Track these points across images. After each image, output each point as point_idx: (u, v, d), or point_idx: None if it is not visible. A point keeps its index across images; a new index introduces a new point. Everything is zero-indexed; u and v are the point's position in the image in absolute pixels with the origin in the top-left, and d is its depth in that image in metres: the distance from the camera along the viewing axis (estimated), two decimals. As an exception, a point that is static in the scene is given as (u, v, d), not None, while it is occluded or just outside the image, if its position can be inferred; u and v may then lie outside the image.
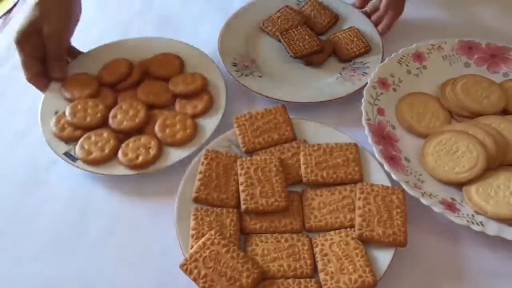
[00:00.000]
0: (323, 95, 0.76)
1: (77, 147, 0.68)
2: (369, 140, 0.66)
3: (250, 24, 0.88)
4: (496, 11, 0.94)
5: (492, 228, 0.59)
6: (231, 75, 0.78)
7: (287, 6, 0.90)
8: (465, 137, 0.66)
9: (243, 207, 0.60)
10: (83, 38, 0.93)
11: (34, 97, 0.82)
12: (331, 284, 0.54)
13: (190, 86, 0.74)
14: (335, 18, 0.89)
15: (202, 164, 0.64)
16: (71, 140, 0.69)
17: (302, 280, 0.55)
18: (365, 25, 0.87)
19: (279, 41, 0.84)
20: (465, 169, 0.64)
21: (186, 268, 0.54)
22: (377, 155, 0.64)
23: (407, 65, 0.78)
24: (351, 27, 0.86)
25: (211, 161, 0.64)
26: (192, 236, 0.58)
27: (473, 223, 0.59)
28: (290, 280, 0.55)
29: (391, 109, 0.74)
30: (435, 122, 0.72)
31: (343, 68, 0.82)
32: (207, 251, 0.54)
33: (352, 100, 0.76)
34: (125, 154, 0.67)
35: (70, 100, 0.73)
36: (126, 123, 0.70)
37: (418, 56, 0.79)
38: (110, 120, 0.71)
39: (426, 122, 0.72)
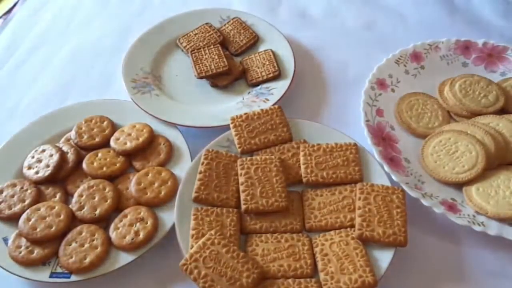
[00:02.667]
0: (215, 121, 0.71)
1: (62, 259, 0.59)
2: (369, 141, 0.66)
3: (169, 39, 0.85)
4: (497, 13, 0.94)
5: (493, 228, 0.59)
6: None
7: (207, 24, 0.86)
8: (464, 137, 0.66)
9: (243, 207, 0.60)
10: (83, 38, 0.93)
11: (34, 97, 0.83)
12: (331, 284, 0.54)
13: (140, 138, 0.69)
14: (254, 39, 0.84)
15: (202, 164, 0.63)
16: (46, 258, 0.60)
17: (302, 280, 0.54)
18: (284, 49, 0.82)
19: None
20: (464, 169, 0.64)
21: (186, 268, 0.53)
22: (377, 156, 0.64)
23: (405, 65, 0.78)
24: (266, 50, 0.82)
25: (211, 161, 0.63)
26: (192, 236, 0.57)
27: (474, 223, 0.59)
28: (290, 280, 0.54)
29: (390, 110, 0.74)
30: (434, 122, 0.72)
31: (249, 92, 0.78)
32: (207, 251, 0.54)
33: (351, 100, 0.76)
34: (122, 237, 0.60)
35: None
36: (99, 210, 0.63)
37: (416, 56, 0.79)
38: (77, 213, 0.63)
39: (425, 122, 0.72)
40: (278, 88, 0.76)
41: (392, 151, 0.68)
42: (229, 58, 0.81)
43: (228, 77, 0.79)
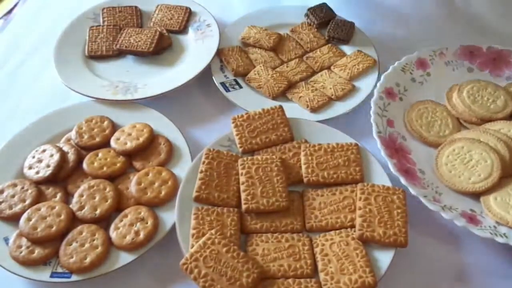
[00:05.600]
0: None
1: (63, 259, 0.59)
2: (382, 153, 0.65)
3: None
4: (497, 13, 0.94)
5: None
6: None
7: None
8: (478, 145, 0.66)
9: (244, 207, 0.60)
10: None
11: (34, 97, 0.83)
12: (331, 284, 0.54)
13: (140, 138, 0.70)
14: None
15: (203, 163, 0.64)
16: (46, 258, 0.60)
17: (302, 280, 0.55)
18: None
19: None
20: (480, 178, 0.63)
21: (186, 267, 0.54)
22: (392, 169, 0.63)
23: (411, 73, 0.77)
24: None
25: (212, 161, 0.64)
26: (193, 235, 0.58)
27: (496, 235, 0.58)
28: (290, 280, 0.55)
29: (400, 120, 0.73)
30: (444, 130, 0.72)
31: None
32: (208, 251, 0.54)
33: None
34: (123, 237, 0.60)
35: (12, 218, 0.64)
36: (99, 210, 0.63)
37: (421, 63, 0.79)
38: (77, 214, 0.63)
39: (435, 131, 0.71)
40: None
41: (407, 163, 0.67)
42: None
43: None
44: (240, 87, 0.79)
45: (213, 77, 0.79)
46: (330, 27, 0.87)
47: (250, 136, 0.67)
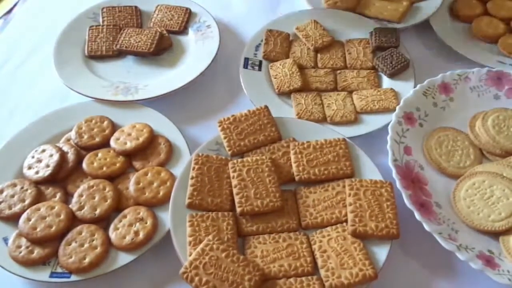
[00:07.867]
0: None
1: (62, 259, 0.53)
2: (397, 184, 0.54)
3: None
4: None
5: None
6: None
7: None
8: (500, 180, 0.55)
9: (238, 210, 0.52)
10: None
11: (34, 97, 0.75)
12: (333, 280, 0.48)
13: (140, 138, 0.62)
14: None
15: (193, 169, 0.56)
16: (46, 258, 0.54)
17: (304, 279, 0.48)
18: None
19: None
20: (501, 216, 0.53)
21: (186, 276, 0.46)
22: (406, 202, 0.53)
23: (433, 97, 0.65)
24: None
25: (202, 166, 0.56)
26: (190, 243, 0.50)
27: None
28: (292, 280, 0.48)
29: (418, 147, 0.61)
30: (465, 161, 0.60)
31: None
32: (207, 257, 0.47)
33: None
34: (122, 237, 0.54)
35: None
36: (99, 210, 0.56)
37: (445, 88, 0.66)
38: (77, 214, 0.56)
39: (456, 161, 0.60)
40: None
41: (422, 195, 0.56)
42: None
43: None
44: (259, 69, 0.71)
45: (244, 49, 0.73)
46: (381, 56, 0.72)
47: (238, 138, 0.59)
